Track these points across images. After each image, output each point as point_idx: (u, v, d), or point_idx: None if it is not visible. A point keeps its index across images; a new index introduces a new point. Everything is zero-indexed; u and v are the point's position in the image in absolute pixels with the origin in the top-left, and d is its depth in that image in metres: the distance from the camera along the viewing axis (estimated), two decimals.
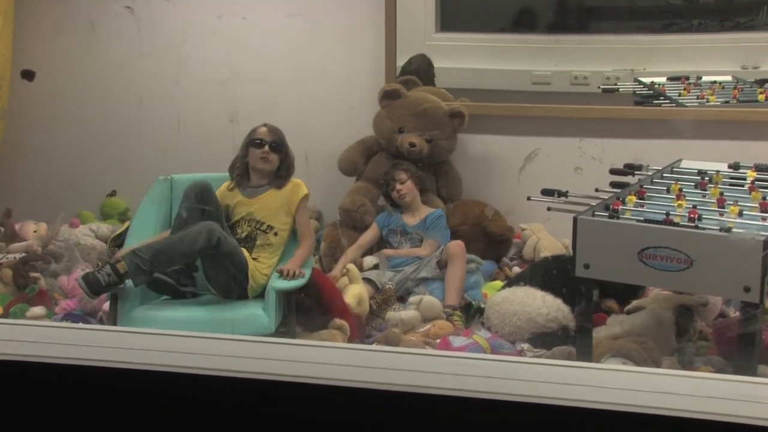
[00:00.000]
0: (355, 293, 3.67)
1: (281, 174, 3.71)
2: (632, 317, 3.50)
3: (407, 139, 4.42)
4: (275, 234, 3.59)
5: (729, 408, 1.23)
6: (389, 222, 4.30)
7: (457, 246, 3.97)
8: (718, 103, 4.18)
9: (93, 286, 3.18)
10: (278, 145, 3.72)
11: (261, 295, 3.48)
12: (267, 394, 1.35)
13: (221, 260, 3.36)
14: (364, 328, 3.62)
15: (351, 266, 3.86)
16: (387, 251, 4.18)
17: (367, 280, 3.86)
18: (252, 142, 3.73)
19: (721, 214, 2.87)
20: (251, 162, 3.72)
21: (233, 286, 3.43)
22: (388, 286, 3.85)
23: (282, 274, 3.41)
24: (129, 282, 3.26)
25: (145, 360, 1.38)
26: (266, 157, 3.68)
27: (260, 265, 3.53)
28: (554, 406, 1.26)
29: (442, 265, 3.97)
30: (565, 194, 3.20)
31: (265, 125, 3.78)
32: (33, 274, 3.92)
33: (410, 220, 4.29)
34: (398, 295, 3.91)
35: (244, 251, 3.50)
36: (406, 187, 4.29)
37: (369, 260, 4.09)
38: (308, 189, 3.74)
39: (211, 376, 1.34)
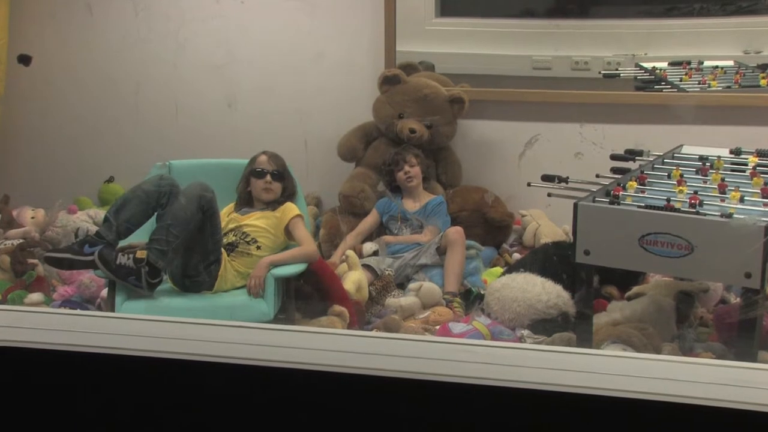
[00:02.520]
0: (354, 280, 3.67)
1: (280, 200, 3.72)
2: (633, 303, 3.50)
3: (407, 124, 4.42)
4: (258, 248, 3.57)
5: (729, 394, 1.23)
6: (389, 208, 4.30)
7: (456, 232, 3.97)
8: (720, 89, 4.17)
9: (109, 263, 3.22)
10: (280, 173, 3.73)
11: None
12: (265, 381, 1.35)
13: (204, 227, 3.37)
14: (364, 314, 3.62)
15: (350, 252, 3.86)
16: (387, 238, 4.18)
17: (366, 267, 3.86)
18: (253, 171, 3.74)
19: (723, 200, 2.87)
20: (254, 192, 3.73)
21: (200, 265, 3.42)
22: (387, 272, 3.86)
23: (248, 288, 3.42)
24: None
25: (143, 346, 1.38)
26: (269, 188, 3.70)
27: (232, 268, 3.52)
28: (554, 392, 1.26)
29: (441, 251, 3.97)
30: (565, 180, 3.19)
31: (264, 153, 3.79)
32: (31, 261, 3.92)
33: (411, 206, 4.29)
34: (398, 281, 3.91)
35: (223, 251, 3.51)
36: (414, 170, 4.30)
37: (368, 247, 4.09)
38: (307, 176, 3.73)
39: (209, 362, 1.35)
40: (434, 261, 3.97)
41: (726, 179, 3.08)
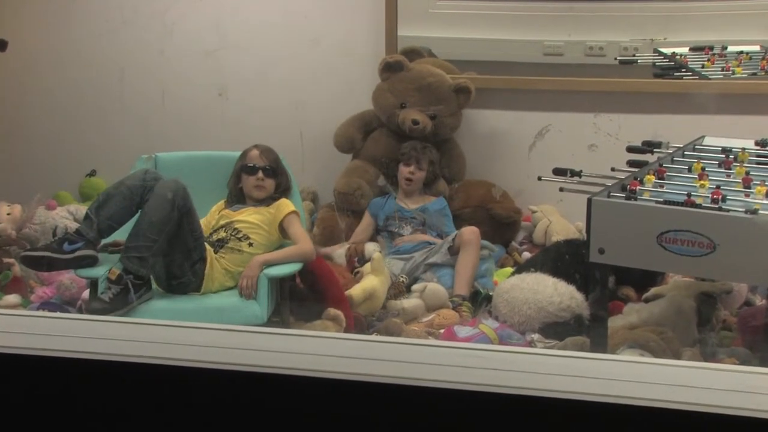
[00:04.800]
0: (365, 287, 3.64)
1: (275, 196, 3.72)
2: (650, 306, 3.50)
3: (410, 115, 4.41)
4: (250, 245, 3.55)
5: (754, 402, 1.23)
6: (384, 208, 4.30)
7: (471, 232, 3.96)
8: (745, 75, 4.16)
9: (99, 310, 3.19)
10: (272, 168, 3.73)
11: None
12: (258, 388, 1.35)
13: (181, 225, 3.34)
14: (362, 323, 3.59)
15: (378, 255, 3.82)
16: (397, 240, 4.18)
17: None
18: (244, 167, 3.73)
19: (747, 195, 2.87)
20: (246, 189, 3.72)
21: (184, 265, 3.39)
22: (401, 279, 3.85)
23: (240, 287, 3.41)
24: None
25: (127, 351, 1.38)
26: (261, 185, 3.69)
27: (220, 266, 3.51)
28: (566, 400, 1.26)
29: (454, 251, 3.96)
30: (578, 174, 3.19)
31: (256, 147, 3.78)
32: (6, 260, 3.91)
33: (409, 204, 4.29)
34: (409, 283, 3.89)
35: (208, 248, 3.49)
36: (418, 175, 4.30)
37: (370, 247, 4.08)
38: (302, 170, 3.72)
39: (197, 368, 1.34)
40: (445, 260, 3.97)
41: (751, 173, 3.08)
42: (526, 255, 4.28)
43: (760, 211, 2.66)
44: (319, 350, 1.42)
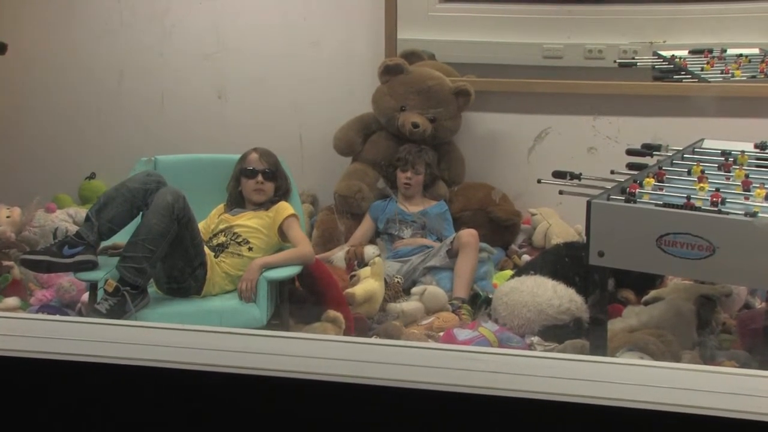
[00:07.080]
0: (366, 288, 3.65)
1: (274, 200, 3.73)
2: (650, 308, 3.50)
3: (410, 118, 4.41)
4: (250, 249, 3.57)
5: (754, 405, 1.23)
6: (385, 211, 4.30)
7: (469, 235, 3.97)
8: (744, 78, 4.16)
9: (103, 315, 3.17)
10: (272, 171, 3.74)
11: None
12: (257, 390, 1.35)
13: (181, 235, 3.32)
14: (365, 323, 3.59)
15: (378, 260, 3.84)
16: (397, 243, 4.18)
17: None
18: (243, 171, 3.74)
19: (747, 198, 2.87)
20: (245, 193, 3.74)
21: (185, 270, 3.38)
22: (396, 280, 3.85)
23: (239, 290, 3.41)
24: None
25: (126, 354, 1.38)
26: (260, 188, 3.71)
27: (220, 270, 3.51)
28: (566, 403, 1.26)
29: (452, 254, 3.96)
30: (578, 176, 3.19)
31: (255, 150, 3.79)
32: (6, 263, 3.91)
33: (410, 207, 4.29)
34: (405, 285, 3.90)
35: (209, 252, 3.49)
36: (416, 179, 4.30)
37: (369, 250, 4.08)
38: (302, 172, 3.72)
39: (196, 371, 1.34)
40: (444, 263, 3.97)
41: (750, 175, 3.08)
42: (526, 258, 4.28)
43: (760, 214, 2.66)
44: (318, 353, 1.42)
